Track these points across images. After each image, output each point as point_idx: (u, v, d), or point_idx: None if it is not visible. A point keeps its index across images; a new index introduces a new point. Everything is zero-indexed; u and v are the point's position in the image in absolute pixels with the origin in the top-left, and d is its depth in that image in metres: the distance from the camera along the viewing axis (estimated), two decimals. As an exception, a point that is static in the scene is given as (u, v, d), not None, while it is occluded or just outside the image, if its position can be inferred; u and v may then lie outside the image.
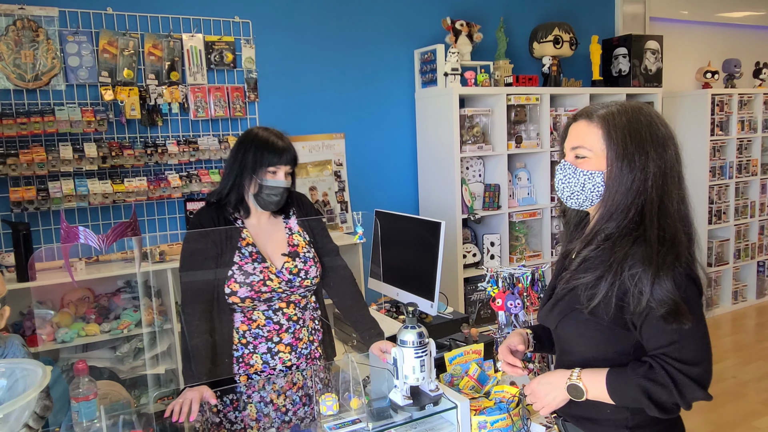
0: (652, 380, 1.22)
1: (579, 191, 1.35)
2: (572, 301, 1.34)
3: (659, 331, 1.23)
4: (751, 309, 5.48)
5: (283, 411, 1.91)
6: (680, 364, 1.21)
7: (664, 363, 1.22)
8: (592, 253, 1.31)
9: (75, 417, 1.55)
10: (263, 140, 1.87)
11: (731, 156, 5.25)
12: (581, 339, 1.36)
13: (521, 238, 4.32)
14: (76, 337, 2.84)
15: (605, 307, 1.26)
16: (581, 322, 1.33)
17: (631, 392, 1.25)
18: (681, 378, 1.21)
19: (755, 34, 6.01)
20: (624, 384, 1.26)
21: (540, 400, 1.38)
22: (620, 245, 1.26)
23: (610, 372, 1.29)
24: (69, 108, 3.02)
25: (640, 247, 1.24)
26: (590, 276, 1.28)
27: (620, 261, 1.24)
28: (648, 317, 1.23)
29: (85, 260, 3.01)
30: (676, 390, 1.21)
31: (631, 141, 1.28)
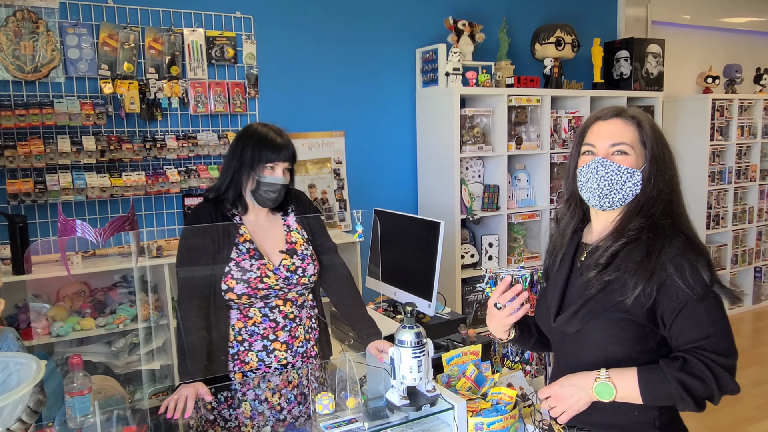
0: (690, 374, 1.22)
1: (618, 189, 1.33)
2: (605, 300, 1.31)
3: (694, 325, 1.24)
4: (747, 314, 5.48)
5: (278, 409, 1.90)
6: (717, 356, 1.22)
7: (702, 356, 1.23)
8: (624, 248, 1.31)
9: (69, 412, 1.54)
10: (262, 136, 1.86)
11: (730, 161, 5.25)
12: (610, 339, 1.32)
13: (520, 240, 4.31)
14: (71, 331, 2.83)
15: (644, 301, 1.26)
16: (613, 321, 1.30)
17: (667, 388, 1.24)
18: (719, 370, 1.22)
19: (757, 40, 6.02)
20: (659, 380, 1.25)
21: (563, 402, 1.34)
22: (656, 238, 1.28)
23: (641, 369, 1.27)
24: (68, 100, 3.00)
25: (675, 240, 1.27)
26: (631, 269, 1.28)
27: (658, 253, 1.26)
28: (682, 311, 1.24)
29: (81, 254, 3.00)
30: (715, 382, 1.22)
31: (659, 140, 1.35)
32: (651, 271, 1.25)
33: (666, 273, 1.24)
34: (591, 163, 1.35)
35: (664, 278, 1.24)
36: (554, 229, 1.55)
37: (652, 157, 1.33)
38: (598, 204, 1.36)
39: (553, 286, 1.47)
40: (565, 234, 1.49)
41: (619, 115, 1.37)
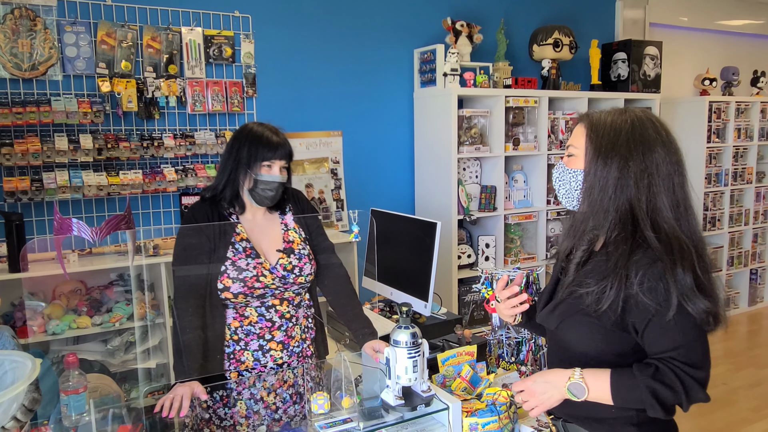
0: (660, 382, 1.24)
1: (568, 190, 1.39)
2: (575, 304, 1.34)
3: (663, 336, 1.25)
4: (742, 316, 5.50)
5: (273, 409, 1.90)
6: (687, 367, 1.23)
7: (672, 366, 1.24)
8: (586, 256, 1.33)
9: (64, 410, 1.54)
10: (258, 135, 1.86)
11: (727, 163, 5.27)
12: (582, 341, 1.36)
13: (516, 241, 4.32)
14: (67, 329, 2.82)
15: (611, 312, 1.27)
16: (583, 324, 1.33)
17: (637, 393, 1.26)
18: (688, 380, 1.23)
19: (754, 43, 6.03)
20: (630, 385, 1.27)
21: (535, 398, 1.38)
22: (621, 249, 1.26)
23: (614, 372, 1.29)
24: (65, 98, 3.00)
25: (641, 251, 1.25)
26: (594, 283, 1.29)
27: (624, 265, 1.25)
28: (651, 321, 1.24)
29: (78, 252, 3.00)
30: (683, 392, 1.23)
31: (608, 140, 1.29)
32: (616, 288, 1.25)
33: (633, 286, 1.24)
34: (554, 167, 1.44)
35: (630, 292, 1.24)
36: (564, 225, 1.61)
37: (591, 157, 1.30)
38: (564, 203, 1.42)
39: (551, 280, 1.52)
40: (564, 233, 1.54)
41: (582, 118, 1.38)
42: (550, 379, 1.36)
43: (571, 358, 1.38)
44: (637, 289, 1.23)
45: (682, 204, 1.29)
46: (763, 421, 3.49)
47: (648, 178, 1.27)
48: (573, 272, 1.36)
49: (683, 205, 1.29)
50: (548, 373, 1.38)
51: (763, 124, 5.46)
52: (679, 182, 1.29)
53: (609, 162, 1.28)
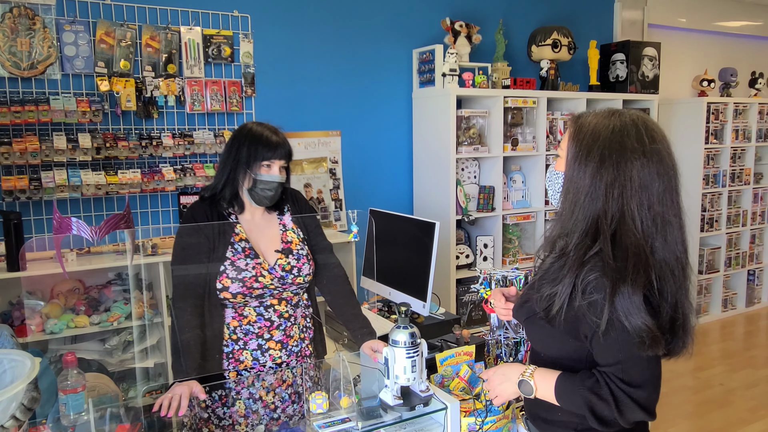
0: (596, 394, 1.24)
1: (554, 192, 1.40)
2: (531, 307, 1.37)
3: (605, 349, 1.24)
4: (740, 317, 5.51)
5: (272, 408, 1.90)
6: (623, 384, 1.22)
7: (608, 380, 1.23)
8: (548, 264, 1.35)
9: (62, 409, 1.54)
10: (257, 134, 1.86)
11: (725, 164, 5.28)
12: (541, 341, 1.40)
13: (514, 241, 4.32)
14: (65, 328, 2.82)
15: (559, 319, 1.27)
16: (538, 326, 1.36)
17: (576, 400, 1.27)
18: (623, 397, 1.21)
19: (752, 44, 6.05)
20: (571, 391, 1.28)
21: (493, 387, 1.43)
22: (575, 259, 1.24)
23: (561, 376, 1.31)
24: (64, 97, 3.00)
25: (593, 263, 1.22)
26: (547, 288, 1.29)
27: (574, 275, 1.23)
28: (595, 334, 1.23)
29: (76, 251, 2.99)
30: (616, 408, 1.22)
31: (585, 145, 1.25)
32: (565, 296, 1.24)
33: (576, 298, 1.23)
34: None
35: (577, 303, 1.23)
36: None
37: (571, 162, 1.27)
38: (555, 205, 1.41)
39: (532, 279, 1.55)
40: None
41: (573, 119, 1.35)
42: (507, 371, 1.41)
43: (536, 356, 1.44)
44: (580, 301, 1.22)
45: (659, 217, 1.22)
46: (760, 421, 3.50)
47: (619, 188, 1.21)
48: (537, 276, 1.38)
49: (661, 218, 1.22)
50: (507, 366, 1.44)
51: (761, 125, 5.47)
52: (659, 194, 1.22)
53: (583, 168, 1.24)
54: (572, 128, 1.30)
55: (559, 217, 1.30)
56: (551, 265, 1.33)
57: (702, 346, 4.75)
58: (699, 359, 4.46)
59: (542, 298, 1.30)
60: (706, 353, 4.60)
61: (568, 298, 1.24)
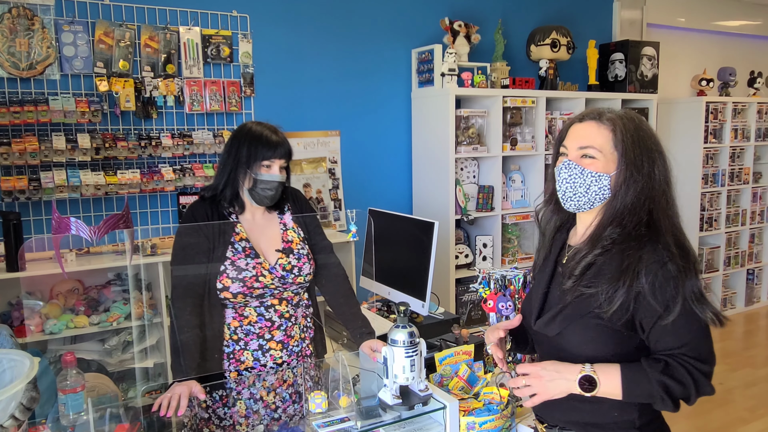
0: (671, 377, 1.25)
1: (583, 193, 1.34)
2: (581, 308, 1.33)
3: (671, 333, 1.26)
4: (739, 316, 5.51)
5: (273, 408, 1.90)
6: (696, 361, 1.25)
7: (682, 361, 1.26)
8: (599, 259, 1.32)
9: (62, 409, 1.54)
10: (257, 134, 1.86)
11: (724, 164, 5.28)
12: (588, 344, 1.33)
13: (514, 240, 4.32)
14: (64, 328, 2.82)
15: (621, 312, 1.27)
16: (590, 327, 1.32)
17: (648, 388, 1.26)
18: (697, 375, 1.25)
19: (751, 43, 6.05)
20: (642, 379, 1.27)
21: (541, 384, 1.32)
22: (631, 249, 1.28)
23: (624, 367, 1.28)
24: (63, 98, 3.00)
25: (651, 249, 1.27)
26: (605, 282, 1.28)
27: (635, 265, 1.26)
28: (660, 320, 1.25)
29: (75, 251, 2.99)
30: (694, 386, 1.25)
31: (638, 147, 1.31)
32: (627, 286, 1.26)
33: (640, 285, 1.25)
34: (560, 165, 1.38)
35: (639, 289, 1.26)
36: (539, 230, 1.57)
37: (625, 162, 1.30)
38: (566, 205, 1.39)
39: (537, 287, 1.49)
40: (545, 233, 1.52)
41: (596, 118, 1.35)
42: (561, 369, 1.32)
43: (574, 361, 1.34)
44: (646, 288, 1.25)
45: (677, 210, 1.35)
46: (759, 420, 3.50)
47: (665, 182, 1.32)
48: (578, 275, 1.34)
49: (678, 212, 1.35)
50: (559, 364, 1.33)
51: (760, 124, 5.47)
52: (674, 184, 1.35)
53: (640, 169, 1.30)
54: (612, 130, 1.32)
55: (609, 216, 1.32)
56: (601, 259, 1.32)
57: (701, 345, 4.74)
58: (698, 358, 4.46)
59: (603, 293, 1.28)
60: (706, 352, 4.60)
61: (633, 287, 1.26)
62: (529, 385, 1.34)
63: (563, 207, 1.41)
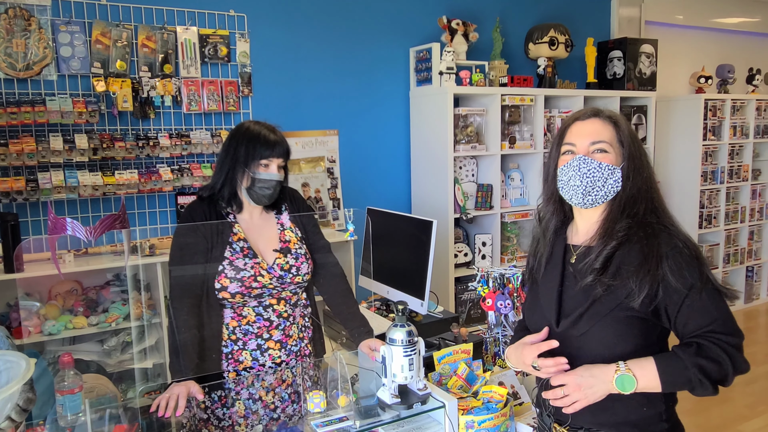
0: (707, 357, 1.25)
1: (600, 186, 1.36)
2: (609, 302, 1.32)
3: (698, 313, 1.28)
4: (739, 314, 5.51)
5: (272, 408, 1.90)
6: (728, 336, 1.27)
7: (714, 339, 1.26)
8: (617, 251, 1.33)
9: (60, 410, 1.54)
10: (255, 133, 1.86)
11: (723, 161, 5.28)
12: (618, 338, 1.32)
13: (513, 239, 4.32)
14: (63, 329, 2.82)
15: (648, 299, 1.29)
16: (620, 320, 1.31)
17: (686, 374, 1.25)
18: (732, 351, 1.26)
19: (749, 41, 6.05)
20: (678, 367, 1.26)
21: (581, 392, 1.31)
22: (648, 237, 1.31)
23: (658, 359, 1.28)
24: (60, 98, 2.99)
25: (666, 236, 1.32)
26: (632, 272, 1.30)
27: (656, 250, 1.29)
28: (685, 302, 1.27)
29: (73, 252, 2.99)
30: (730, 363, 1.26)
31: (633, 139, 1.39)
32: (653, 273, 1.28)
33: (663, 270, 1.28)
34: (573, 161, 1.37)
35: (662, 274, 1.28)
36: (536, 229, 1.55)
37: (629, 155, 1.37)
38: (582, 202, 1.38)
39: (547, 291, 1.45)
40: (546, 234, 1.50)
41: (596, 115, 1.41)
42: (596, 372, 1.30)
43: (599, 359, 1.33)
44: (669, 272, 1.27)
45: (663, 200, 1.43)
46: (759, 417, 3.50)
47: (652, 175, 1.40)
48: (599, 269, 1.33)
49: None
50: (592, 368, 1.31)
51: (759, 121, 5.47)
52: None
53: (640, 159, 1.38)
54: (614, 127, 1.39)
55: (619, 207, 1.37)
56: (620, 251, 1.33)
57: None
58: (698, 356, 4.46)
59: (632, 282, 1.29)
60: (705, 350, 4.60)
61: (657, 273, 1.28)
62: (568, 395, 1.33)
63: (574, 205, 1.41)
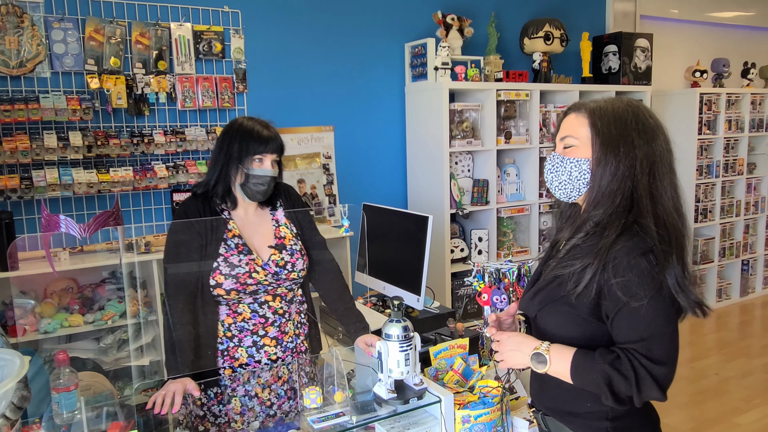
0: (617, 370, 1.24)
1: (566, 180, 1.38)
2: (554, 291, 1.37)
3: (629, 326, 1.25)
4: (734, 307, 5.53)
5: (268, 405, 1.90)
6: (647, 360, 1.23)
7: (632, 357, 1.24)
8: (580, 241, 1.34)
9: (55, 408, 1.54)
10: (248, 129, 1.86)
11: (718, 155, 5.29)
12: (559, 329, 1.37)
13: (509, 234, 4.33)
14: (59, 327, 2.81)
15: (586, 296, 1.29)
16: (560, 312, 1.35)
17: (593, 376, 1.27)
18: (644, 374, 1.23)
19: (744, 34, 6.05)
20: (589, 367, 1.28)
21: (503, 351, 1.41)
22: (610, 231, 1.28)
23: (578, 352, 1.31)
24: (54, 96, 2.98)
25: (627, 238, 1.26)
26: (578, 263, 1.30)
27: (608, 248, 1.26)
28: (621, 311, 1.25)
29: (69, 250, 2.98)
30: (636, 385, 1.23)
31: (615, 128, 1.32)
32: (595, 268, 1.27)
33: (607, 273, 1.26)
34: (547, 158, 1.44)
35: (606, 278, 1.26)
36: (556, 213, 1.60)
37: (599, 145, 1.32)
38: (557, 194, 1.42)
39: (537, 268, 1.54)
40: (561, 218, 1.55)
41: (575, 109, 1.40)
42: (521, 341, 1.39)
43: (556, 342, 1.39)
44: (612, 277, 1.24)
45: (678, 192, 1.32)
46: (754, 410, 3.52)
47: (650, 165, 1.30)
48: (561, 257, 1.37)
49: (678, 192, 1.33)
50: (522, 336, 1.41)
51: (754, 115, 5.48)
52: (673, 167, 1.33)
53: (618, 150, 1.30)
54: (588, 115, 1.35)
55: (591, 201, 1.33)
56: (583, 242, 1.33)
57: (697, 336, 4.77)
58: (694, 349, 4.48)
59: (573, 273, 1.29)
60: (701, 343, 4.62)
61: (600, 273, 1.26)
62: (497, 351, 1.42)
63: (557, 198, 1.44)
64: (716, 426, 3.35)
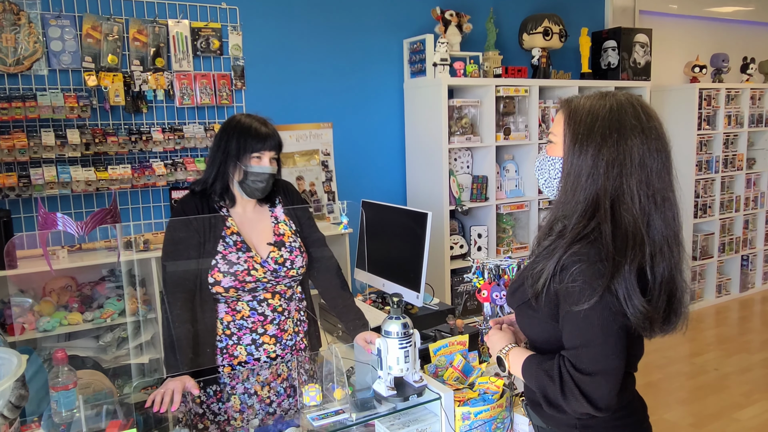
0: (549, 376, 1.24)
1: (547, 177, 1.38)
2: (520, 294, 1.37)
3: (570, 332, 1.24)
4: (734, 302, 5.54)
5: (268, 402, 1.90)
6: (573, 369, 1.21)
7: (561, 364, 1.23)
8: (549, 242, 1.30)
9: (54, 406, 1.53)
10: (246, 126, 1.85)
11: (717, 150, 5.28)
12: (530, 330, 1.40)
13: (508, 230, 4.32)
14: (58, 326, 2.81)
15: (545, 299, 1.27)
16: (526, 314, 1.37)
17: (533, 381, 1.30)
18: (569, 382, 1.20)
19: (743, 29, 6.04)
20: (533, 372, 1.30)
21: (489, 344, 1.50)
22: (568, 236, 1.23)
23: (529, 356, 1.34)
24: (51, 93, 2.97)
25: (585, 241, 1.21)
26: (539, 266, 1.27)
27: (561, 253, 1.22)
28: (565, 316, 1.24)
29: (67, 248, 2.97)
30: (560, 391, 1.21)
31: (584, 126, 1.24)
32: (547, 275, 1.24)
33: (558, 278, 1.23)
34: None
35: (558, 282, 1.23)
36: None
37: (570, 144, 1.25)
38: (545, 192, 1.42)
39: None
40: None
41: (561, 105, 1.34)
42: (496, 342, 1.46)
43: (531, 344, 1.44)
44: (560, 282, 1.22)
45: (659, 194, 1.22)
46: (754, 405, 3.52)
47: (619, 167, 1.20)
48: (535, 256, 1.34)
49: (660, 195, 1.22)
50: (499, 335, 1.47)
51: (753, 110, 5.47)
52: (657, 171, 1.22)
53: (584, 149, 1.23)
54: (566, 111, 1.29)
55: (559, 200, 1.29)
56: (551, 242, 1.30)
57: (696, 331, 4.77)
58: (693, 345, 4.48)
59: (533, 275, 1.28)
60: (701, 339, 4.62)
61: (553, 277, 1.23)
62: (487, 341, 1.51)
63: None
64: (716, 421, 3.35)
